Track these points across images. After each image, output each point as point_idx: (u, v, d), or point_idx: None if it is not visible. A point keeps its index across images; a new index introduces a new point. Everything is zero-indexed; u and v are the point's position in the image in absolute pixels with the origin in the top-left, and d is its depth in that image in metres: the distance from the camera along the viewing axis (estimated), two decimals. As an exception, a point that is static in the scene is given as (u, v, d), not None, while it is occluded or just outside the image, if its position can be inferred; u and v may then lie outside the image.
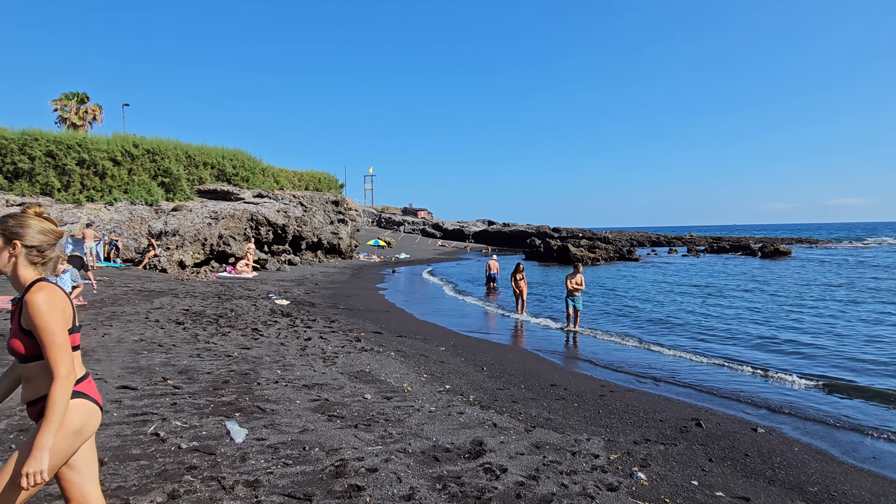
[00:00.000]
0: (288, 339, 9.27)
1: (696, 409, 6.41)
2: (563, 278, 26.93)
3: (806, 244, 59.09)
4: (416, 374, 7.30)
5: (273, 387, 6.09)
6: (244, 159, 33.35)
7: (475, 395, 6.46)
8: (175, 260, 21.23)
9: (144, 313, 10.91)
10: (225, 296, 14.89)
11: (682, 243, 64.51)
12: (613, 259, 39.35)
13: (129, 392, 5.51)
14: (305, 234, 32.34)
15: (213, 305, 12.82)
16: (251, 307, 13.01)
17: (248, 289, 17.18)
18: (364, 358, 8.10)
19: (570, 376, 7.91)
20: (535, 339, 11.55)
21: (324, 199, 39.31)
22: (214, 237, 24.15)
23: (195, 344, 8.26)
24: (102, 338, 8.28)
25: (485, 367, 8.09)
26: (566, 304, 12.25)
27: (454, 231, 76.25)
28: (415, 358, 8.46)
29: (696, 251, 47.17)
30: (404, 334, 10.79)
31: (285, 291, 17.19)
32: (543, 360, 9.12)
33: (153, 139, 29.15)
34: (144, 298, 13.09)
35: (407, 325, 12.10)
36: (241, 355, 7.66)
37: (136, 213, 25.24)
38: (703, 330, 12.22)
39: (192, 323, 10.18)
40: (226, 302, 13.56)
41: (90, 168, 25.58)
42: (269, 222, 28.83)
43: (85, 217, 23.76)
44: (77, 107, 45.81)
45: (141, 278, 17.71)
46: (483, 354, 9.16)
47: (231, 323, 10.48)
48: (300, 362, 7.48)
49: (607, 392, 7.01)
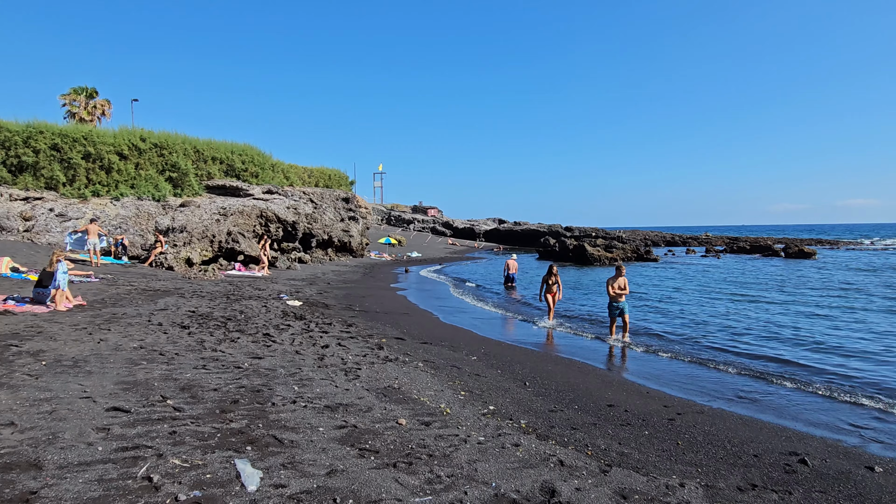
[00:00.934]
0: (303, 346, 8.37)
1: (786, 436, 5.44)
2: (582, 280, 25.90)
3: (827, 245, 57.57)
4: (451, 391, 6.36)
5: (290, 408, 5.17)
6: (254, 154, 32.57)
7: (526, 419, 5.51)
8: (182, 257, 20.43)
9: (147, 315, 10.04)
10: (234, 296, 14.03)
11: (698, 243, 63.20)
12: (631, 259, 38.24)
13: (121, 416, 4.61)
14: (316, 231, 31.53)
15: (222, 307, 11.95)
16: (262, 309, 12.14)
17: (258, 288, 16.32)
18: (390, 370, 7.17)
19: (625, 394, 6.94)
20: (572, 347, 10.57)
21: (334, 195, 38.51)
22: (223, 234, 23.35)
23: (201, 352, 7.37)
24: (98, 344, 7.41)
25: (526, 382, 7.14)
26: (610, 312, 11.11)
27: (464, 229, 75.28)
28: (446, 370, 7.52)
29: (715, 252, 45.89)
30: (429, 341, 9.86)
31: (297, 291, 16.32)
32: (588, 372, 8.15)
33: (161, 133, 28.42)
34: (148, 299, 12.24)
35: (430, 330, 11.17)
36: (252, 367, 6.76)
37: (142, 208, 24.49)
38: (755, 338, 11.16)
39: (199, 327, 9.30)
40: (235, 303, 12.70)
41: (96, 162, 24.87)
42: (278, 219, 28.03)
43: (90, 212, 23.02)
44: (86, 102, 45.35)
45: (146, 276, 16.90)
46: (520, 366, 8.21)
47: (240, 327, 9.59)
48: (319, 375, 6.56)
49: (674, 414, 6.03)
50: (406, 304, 15.66)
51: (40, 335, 7.72)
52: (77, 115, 43.23)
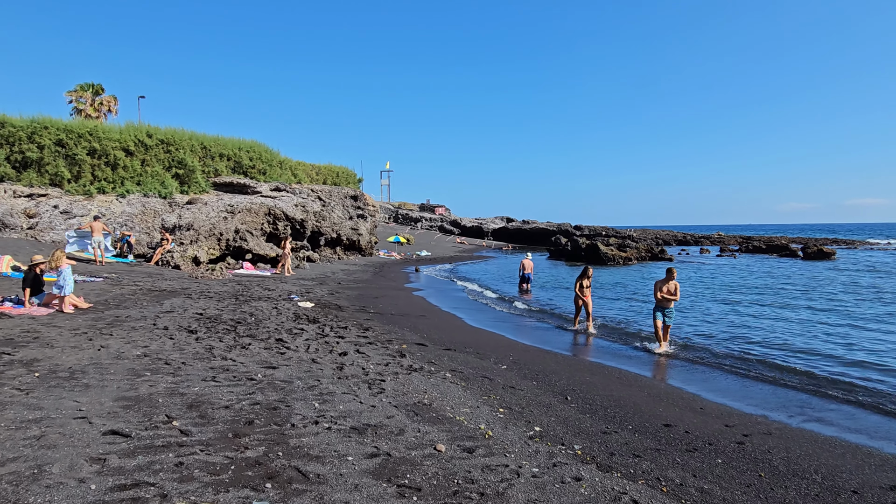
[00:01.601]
0: (320, 353, 7.73)
1: (875, 462, 4.75)
2: (600, 280, 25.16)
3: (843, 245, 56.46)
4: (488, 408, 5.70)
5: (313, 430, 4.54)
6: (261, 151, 32.01)
7: (580, 443, 4.85)
8: (189, 256, 19.87)
9: (152, 318, 9.45)
10: (243, 296, 13.43)
11: (710, 242, 62.19)
12: (645, 258, 37.44)
13: (119, 442, 3.99)
14: (324, 229, 30.96)
15: (231, 308, 11.35)
16: (272, 311, 11.52)
17: (267, 288, 15.72)
18: (416, 382, 6.52)
19: (677, 409, 6.26)
20: (606, 355, 9.88)
21: (342, 193, 37.95)
22: (230, 232, 22.79)
23: (210, 361, 6.75)
24: (98, 351, 6.81)
25: (567, 396, 6.47)
26: (654, 317, 10.05)
27: (472, 228, 74.56)
28: (477, 381, 6.87)
29: (730, 251, 44.97)
30: (452, 346, 9.20)
31: (307, 292, 15.71)
32: (630, 384, 7.46)
33: (167, 129, 27.90)
34: (154, 300, 11.65)
35: (451, 335, 10.52)
36: (266, 378, 6.13)
37: (148, 205, 23.97)
38: (802, 348, 10.36)
39: (207, 331, 8.69)
40: (244, 304, 12.09)
41: (101, 158, 24.37)
42: (286, 217, 27.46)
43: (95, 209, 22.51)
44: (92, 98, 45.03)
45: (152, 276, 16.33)
46: (555, 376, 7.54)
47: (251, 331, 8.97)
48: (340, 388, 5.92)
49: (741, 436, 5.36)
50: (422, 306, 15.01)
51: (36, 341, 7.13)
52: (83, 112, 42.90)
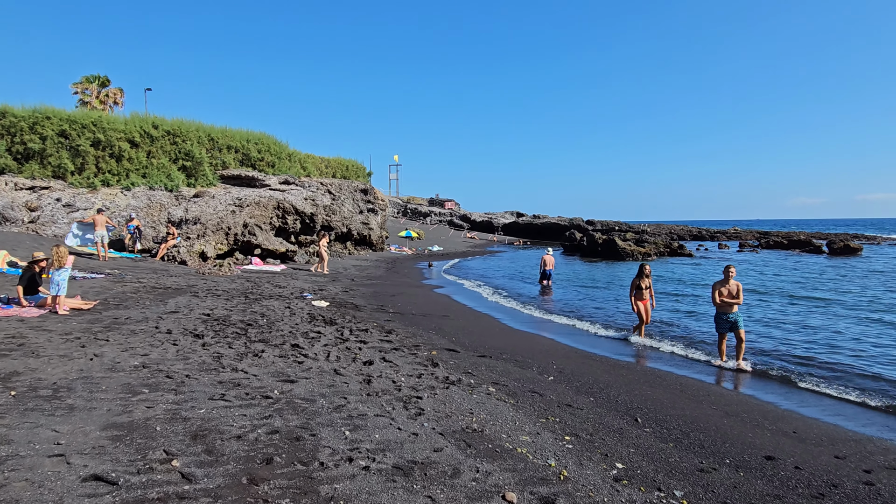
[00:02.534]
0: (342, 362, 6.81)
1: None
2: (619, 275, 24.13)
3: (864, 240, 54.92)
4: (551, 434, 4.76)
5: (347, 471, 3.61)
6: (269, 143, 31.15)
7: (679, 486, 3.89)
8: (196, 251, 19.03)
9: (154, 320, 8.56)
10: (253, 294, 12.54)
11: (726, 237, 60.85)
12: (664, 254, 36.33)
13: (103, 493, 3.08)
14: (334, 223, 30.08)
15: (240, 308, 10.46)
16: (285, 310, 10.63)
17: (278, 285, 14.84)
18: (457, 398, 5.59)
19: (768, 434, 5.29)
20: (655, 359, 8.95)
21: (352, 187, 37.07)
22: (239, 226, 21.94)
23: (218, 373, 5.84)
24: (91, 362, 5.92)
25: (637, 417, 5.51)
26: (718, 325, 8.63)
27: (482, 223, 73.55)
28: (526, 398, 5.92)
29: (751, 247, 43.67)
30: (486, 353, 8.26)
31: (320, 289, 14.81)
32: (699, 399, 6.48)
33: (174, 120, 27.07)
34: (157, 298, 10.79)
35: (481, 338, 9.57)
36: (284, 395, 5.22)
37: (154, 198, 23.16)
38: (886, 359, 9.15)
39: (215, 335, 7.79)
40: (254, 303, 11.20)
41: (106, 150, 23.56)
42: (296, 211, 26.59)
43: (99, 202, 21.72)
44: (98, 90, 44.38)
45: (157, 272, 15.49)
46: (611, 389, 6.58)
47: (264, 335, 8.07)
48: (372, 409, 5.00)
49: (861, 471, 4.39)
50: (443, 304, 14.07)
51: (21, 349, 6.24)
52: (89, 104, 42.22)
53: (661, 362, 8.74)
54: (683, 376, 7.70)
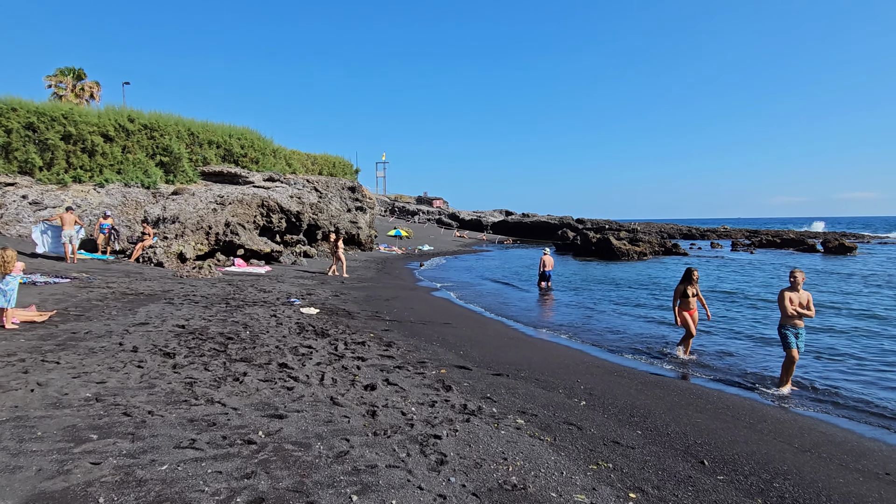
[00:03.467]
0: (339, 386, 5.78)
1: None
2: (618, 275, 23.31)
3: (852, 238, 55.00)
4: (610, 490, 3.78)
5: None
6: (253, 139, 29.83)
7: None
8: (174, 252, 17.78)
9: (119, 334, 7.44)
10: (234, 300, 11.42)
11: (716, 236, 60.69)
12: (658, 253, 35.73)
13: None
14: (322, 222, 28.90)
15: (220, 317, 9.34)
16: (271, 319, 9.54)
17: (263, 289, 13.71)
18: (482, 436, 4.60)
19: (860, 477, 4.38)
20: (691, 375, 8.05)
21: (340, 184, 35.91)
22: (220, 225, 20.70)
23: (189, 407, 4.77)
24: (31, 393, 4.82)
25: (704, 460, 4.55)
26: (786, 342, 7.16)
27: (471, 221, 72.63)
28: (563, 433, 4.94)
29: (744, 246, 43.26)
30: (501, 370, 7.28)
31: (309, 293, 13.71)
32: (759, 427, 5.56)
33: (151, 114, 25.67)
34: (126, 307, 9.63)
35: (492, 350, 8.59)
36: (270, 438, 4.17)
37: (130, 196, 21.82)
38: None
39: (189, 353, 6.70)
40: (236, 311, 10.09)
41: (77, 144, 22.13)
42: (281, 209, 25.37)
43: (70, 200, 20.34)
44: (73, 83, 42.67)
45: (130, 275, 14.27)
46: (657, 418, 5.62)
47: (246, 352, 6.99)
48: (383, 456, 3.98)
49: None
50: (443, 310, 13.06)
51: (-55, 377, 5.11)
52: (64, 98, 40.48)
53: (696, 377, 7.84)
54: (728, 395, 6.79)
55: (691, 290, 8.77)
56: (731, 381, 7.71)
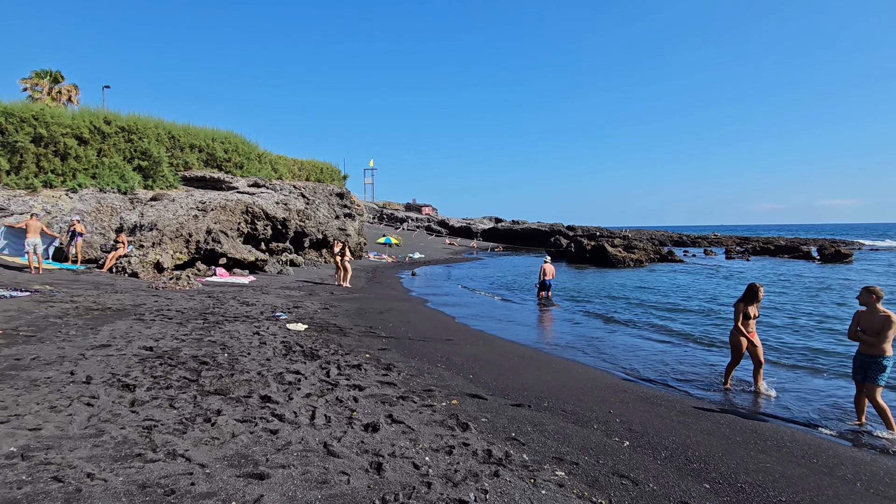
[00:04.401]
0: (334, 426, 4.76)
1: None
2: (616, 283, 22.51)
3: (842, 245, 54.91)
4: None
5: None
6: (238, 143, 28.71)
7: None
8: (150, 261, 16.59)
9: (73, 360, 6.34)
10: (214, 315, 10.32)
11: (707, 243, 60.41)
12: (654, 260, 35.09)
13: None
14: (309, 229, 27.77)
15: (196, 336, 8.26)
16: (253, 338, 8.48)
17: (246, 302, 12.61)
18: (519, 499, 3.61)
19: None
20: (734, 402, 7.15)
21: (328, 190, 34.86)
22: (202, 232, 19.52)
23: (141, 465, 3.72)
24: (-62, 447, 3.73)
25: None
26: (859, 371, 6.18)
27: (461, 228, 71.76)
28: (620, 492, 3.96)
29: (739, 253, 42.81)
30: (521, 398, 6.31)
31: (296, 306, 12.64)
32: (839, 473, 4.65)
33: (130, 116, 24.47)
34: (88, 325, 8.50)
35: (505, 373, 7.60)
36: (246, 513, 3.15)
37: (105, 201, 20.56)
38: None
39: (153, 384, 5.63)
40: (214, 329, 9.00)
41: (49, 147, 20.87)
42: (266, 216, 24.22)
43: (39, 206, 19.07)
44: (50, 86, 41.23)
45: (100, 287, 13.10)
46: (722, 465, 4.67)
47: (223, 381, 5.93)
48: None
49: None
50: (441, 324, 12.06)
51: None
52: (40, 101, 39.00)
53: (742, 406, 6.93)
54: (785, 430, 5.87)
55: (753, 310, 7.53)
56: (784, 415, 6.80)
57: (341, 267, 18.56)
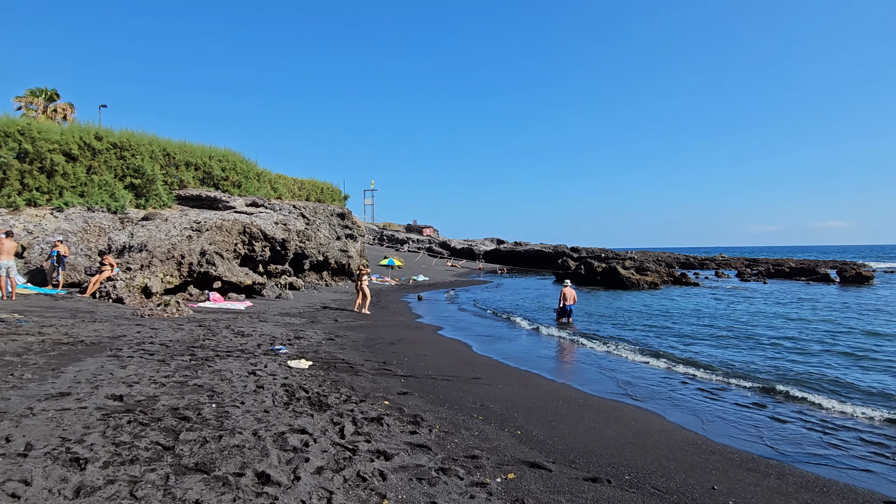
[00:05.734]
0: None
1: None
2: (630, 306, 21.14)
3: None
4: None
5: None
6: (236, 161, 27.60)
7: None
8: (137, 285, 15.19)
9: (16, 418, 4.93)
10: (203, 349, 8.91)
11: (715, 265, 59.14)
12: (668, 283, 33.73)
13: None
14: (309, 251, 26.45)
15: (179, 378, 6.85)
16: (248, 380, 7.06)
17: (241, 332, 11.20)
18: None
19: None
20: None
21: (328, 211, 33.64)
22: (195, 254, 18.15)
23: None
24: None
25: None
26: None
27: (463, 250, 70.46)
28: None
29: (753, 275, 41.43)
30: (594, 470, 4.90)
31: (297, 337, 11.22)
32: None
33: (122, 132, 23.37)
34: (52, 364, 7.09)
35: (559, 427, 6.18)
36: None
37: (93, 221, 19.26)
38: None
39: (113, 454, 4.21)
40: (202, 368, 7.59)
41: (35, 163, 19.67)
42: (265, 236, 22.91)
43: (20, 225, 17.75)
44: (45, 105, 40.39)
45: (77, 315, 11.69)
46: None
47: (206, 450, 4.52)
48: None
49: None
50: (462, 357, 10.63)
51: None
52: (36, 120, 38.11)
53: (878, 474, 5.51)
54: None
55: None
56: None
57: (361, 292, 17.37)
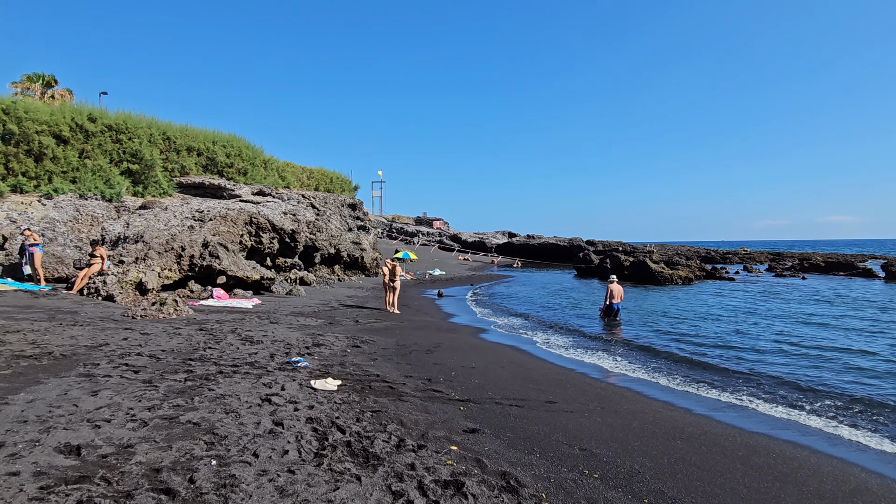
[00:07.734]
0: None
1: None
2: (675, 303, 19.20)
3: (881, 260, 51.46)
4: None
5: None
6: (241, 147, 25.77)
7: None
8: (130, 280, 13.37)
9: None
10: (203, 362, 7.06)
11: (738, 259, 56.99)
12: (701, 277, 31.73)
13: None
14: (320, 243, 24.62)
15: (168, 411, 4.99)
16: (260, 412, 5.20)
17: (249, 337, 9.36)
18: None
19: None
20: None
21: (339, 201, 31.82)
22: (197, 246, 16.32)
23: None
24: None
25: None
26: None
27: (474, 243, 68.53)
28: None
29: (788, 270, 39.24)
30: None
31: (316, 344, 9.37)
32: None
33: (118, 114, 21.55)
34: (5, 386, 5.25)
35: (707, 489, 4.30)
36: None
37: (85, 209, 17.47)
38: None
39: None
40: (201, 391, 5.73)
41: (21, 146, 17.88)
42: (273, 227, 21.07)
43: (3, 214, 15.99)
44: (42, 91, 38.69)
45: (56, 317, 9.88)
46: None
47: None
48: None
49: None
50: (520, 369, 8.74)
51: None
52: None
53: None
54: None
55: None
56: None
57: (391, 288, 15.47)
